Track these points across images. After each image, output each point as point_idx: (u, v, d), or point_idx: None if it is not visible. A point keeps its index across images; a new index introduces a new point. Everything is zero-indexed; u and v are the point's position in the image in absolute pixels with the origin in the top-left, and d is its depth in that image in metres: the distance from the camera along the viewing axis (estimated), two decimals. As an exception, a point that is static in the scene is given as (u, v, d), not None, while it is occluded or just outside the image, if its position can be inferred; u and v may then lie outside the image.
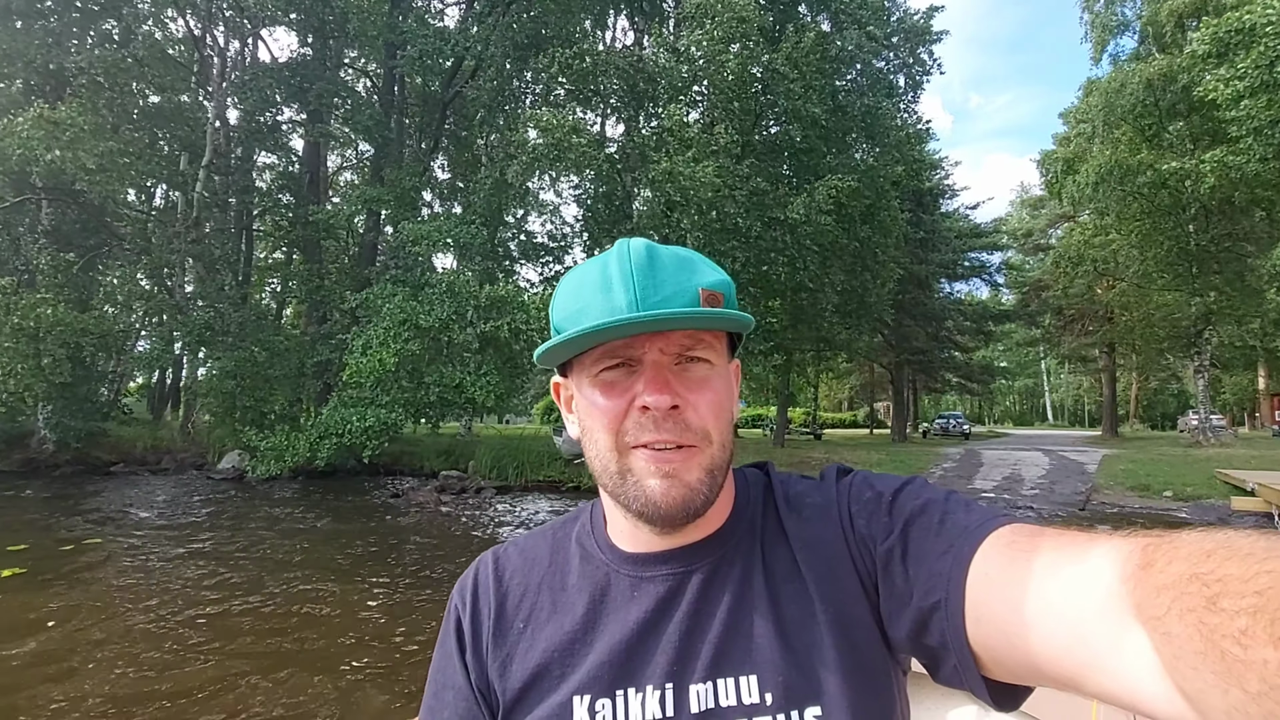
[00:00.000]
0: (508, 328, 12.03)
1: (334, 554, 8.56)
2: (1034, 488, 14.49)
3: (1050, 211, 40.70)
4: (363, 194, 14.92)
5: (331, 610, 6.15)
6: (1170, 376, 51.42)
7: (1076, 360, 43.91)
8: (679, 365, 0.60)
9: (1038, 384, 70.05)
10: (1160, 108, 21.42)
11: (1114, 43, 28.33)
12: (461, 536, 10.06)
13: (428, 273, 12.76)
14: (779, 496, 0.67)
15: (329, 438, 12.19)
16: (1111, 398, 37.59)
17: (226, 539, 9.27)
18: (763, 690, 0.56)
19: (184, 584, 6.95)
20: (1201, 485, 13.11)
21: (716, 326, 0.60)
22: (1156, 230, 22.71)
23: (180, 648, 5.07)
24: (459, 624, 0.67)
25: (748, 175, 12.54)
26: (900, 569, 0.56)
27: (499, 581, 0.68)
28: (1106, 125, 23.05)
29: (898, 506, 0.59)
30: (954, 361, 34.71)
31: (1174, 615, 0.34)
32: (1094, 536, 0.44)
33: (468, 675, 0.65)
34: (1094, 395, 59.15)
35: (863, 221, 15.14)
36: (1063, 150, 27.52)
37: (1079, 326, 35.07)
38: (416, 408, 13.13)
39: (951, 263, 29.61)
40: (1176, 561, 0.36)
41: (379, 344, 11.96)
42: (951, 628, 0.50)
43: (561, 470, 15.60)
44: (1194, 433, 24.69)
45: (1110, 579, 0.40)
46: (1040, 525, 0.50)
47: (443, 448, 17.97)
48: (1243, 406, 48.38)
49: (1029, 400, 74.66)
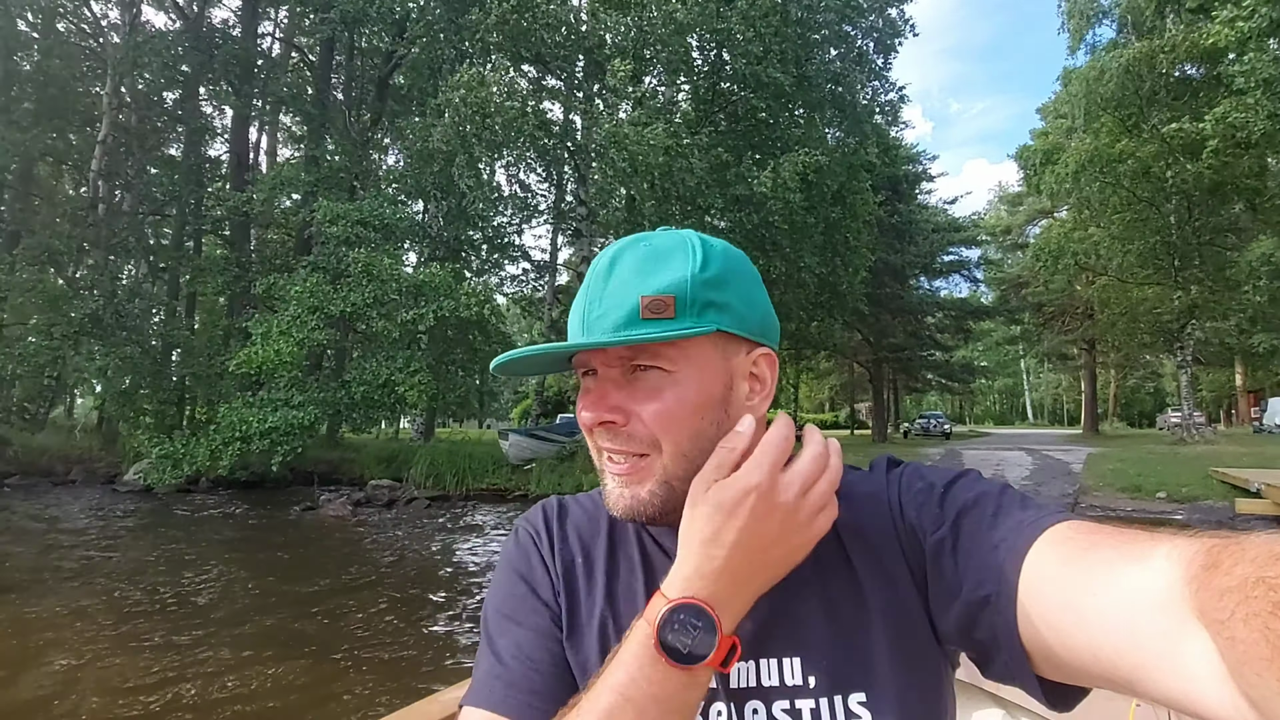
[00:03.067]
0: (433, 315, 10.68)
1: (185, 587, 7.20)
2: (1018, 489, 13.48)
3: (1029, 208, 40.30)
4: (279, 175, 13.50)
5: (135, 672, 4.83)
6: (1149, 374, 51.40)
7: (1056, 358, 43.55)
8: (633, 374, 0.58)
9: (1018, 383, 70.06)
10: (1141, 96, 20.75)
11: (1092, 32, 27.82)
12: (359, 560, 8.70)
13: (345, 254, 11.35)
14: None
15: (233, 443, 10.74)
16: (1092, 395, 37.16)
17: (52, 566, 7.86)
18: (806, 673, 0.56)
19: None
20: (1197, 485, 12.17)
21: (625, 344, 0.56)
22: (1138, 221, 22.08)
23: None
24: (535, 543, 0.66)
25: (708, 145, 11.36)
26: (950, 561, 0.54)
27: (562, 521, 0.69)
28: (1086, 115, 22.36)
29: (950, 498, 0.58)
30: (934, 360, 34.06)
31: (1239, 619, 0.33)
32: (1156, 535, 0.42)
33: (552, 587, 0.64)
34: (1073, 394, 59.16)
35: (833, 202, 14.03)
36: (1041, 143, 26.96)
37: (1059, 323, 34.62)
38: (335, 408, 11.68)
39: (929, 254, 28.77)
40: (1242, 564, 0.34)
41: (279, 333, 10.57)
42: (1003, 622, 0.49)
43: (508, 477, 14.26)
44: (1176, 430, 24.11)
45: (1173, 579, 0.38)
46: (1099, 524, 0.48)
47: (386, 454, 16.54)
48: (1219, 403, 48.32)
49: (1009, 400, 74.71)
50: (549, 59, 11.96)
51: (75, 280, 13.93)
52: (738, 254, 0.63)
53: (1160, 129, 19.86)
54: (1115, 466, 14.77)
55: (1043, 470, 15.70)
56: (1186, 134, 15.48)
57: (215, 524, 10.79)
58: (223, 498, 13.72)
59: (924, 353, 32.35)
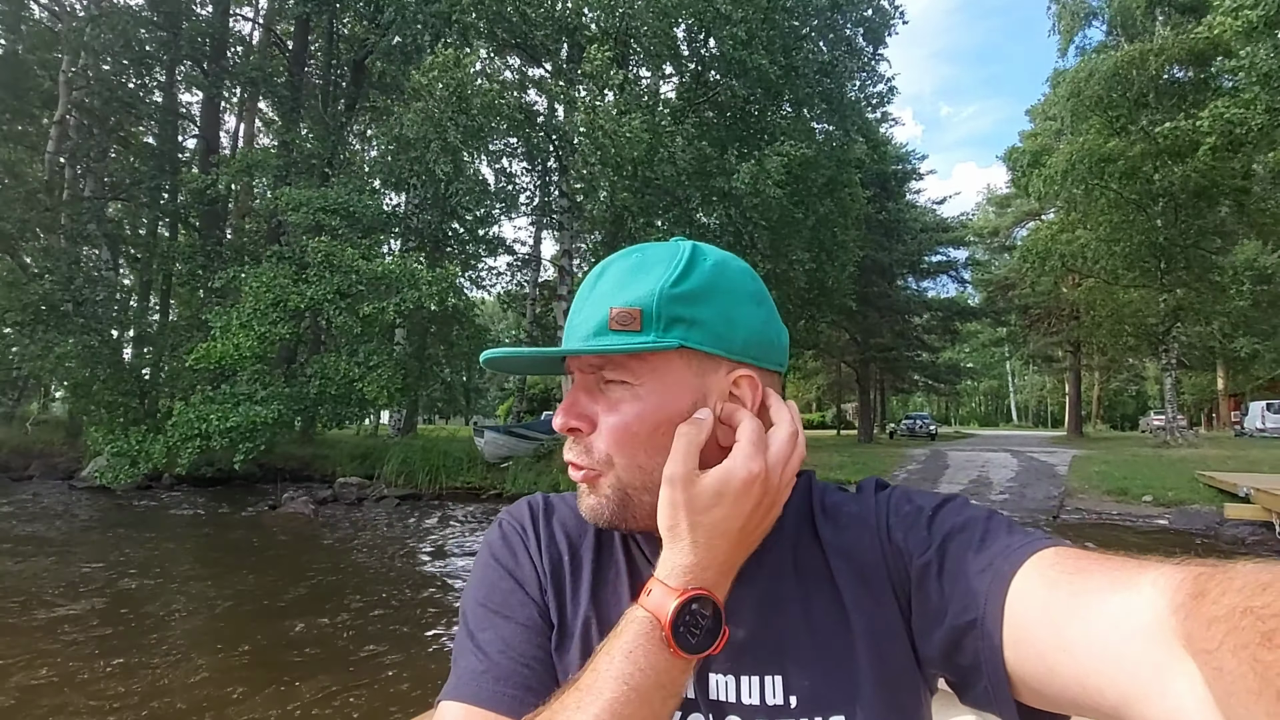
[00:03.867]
0: (394, 309, 10.20)
1: (124, 590, 6.76)
2: (1003, 492, 13.27)
3: (1016, 209, 40.33)
4: (245, 159, 12.94)
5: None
6: (1132, 378, 51.74)
7: (1042, 360, 43.67)
8: (604, 386, 0.58)
9: (1003, 385, 70.45)
10: (1130, 98, 20.66)
11: (1082, 34, 27.83)
12: (314, 563, 8.27)
13: (307, 244, 10.81)
14: (816, 504, 0.65)
15: (192, 440, 10.23)
16: (1076, 398, 37.25)
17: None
18: (788, 693, 0.55)
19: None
20: (1183, 489, 12.00)
21: (590, 353, 0.57)
22: (1125, 223, 22.04)
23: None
24: (522, 537, 0.64)
25: (692, 137, 10.95)
26: (936, 585, 0.54)
27: (548, 518, 0.67)
28: (1074, 116, 22.28)
29: (938, 522, 0.58)
30: (921, 361, 33.99)
31: (1227, 650, 0.32)
32: (1143, 563, 0.42)
33: (538, 581, 0.61)
34: (1057, 396, 59.51)
35: (822, 196, 13.67)
36: (1029, 144, 26.90)
37: (1045, 325, 34.66)
38: (302, 404, 11.18)
39: (916, 253, 28.57)
40: (1230, 593, 0.34)
41: (239, 326, 10.07)
42: (987, 648, 0.48)
43: (483, 475, 13.82)
44: (1159, 433, 24.12)
45: (1160, 608, 0.38)
46: (1086, 550, 0.48)
47: (360, 451, 16.06)
48: (1200, 407, 48.69)
49: (994, 401, 75.12)
50: (530, 44, 11.54)
51: (28, 266, 13.28)
52: (736, 269, 0.61)
53: (1149, 130, 19.79)
54: (1100, 469, 14.61)
55: (1028, 472, 15.50)
56: (1181, 132, 15.28)
57: (169, 523, 10.31)
58: (184, 495, 13.21)
59: (911, 353, 32.23)
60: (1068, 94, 22.07)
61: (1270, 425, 26.80)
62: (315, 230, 11.41)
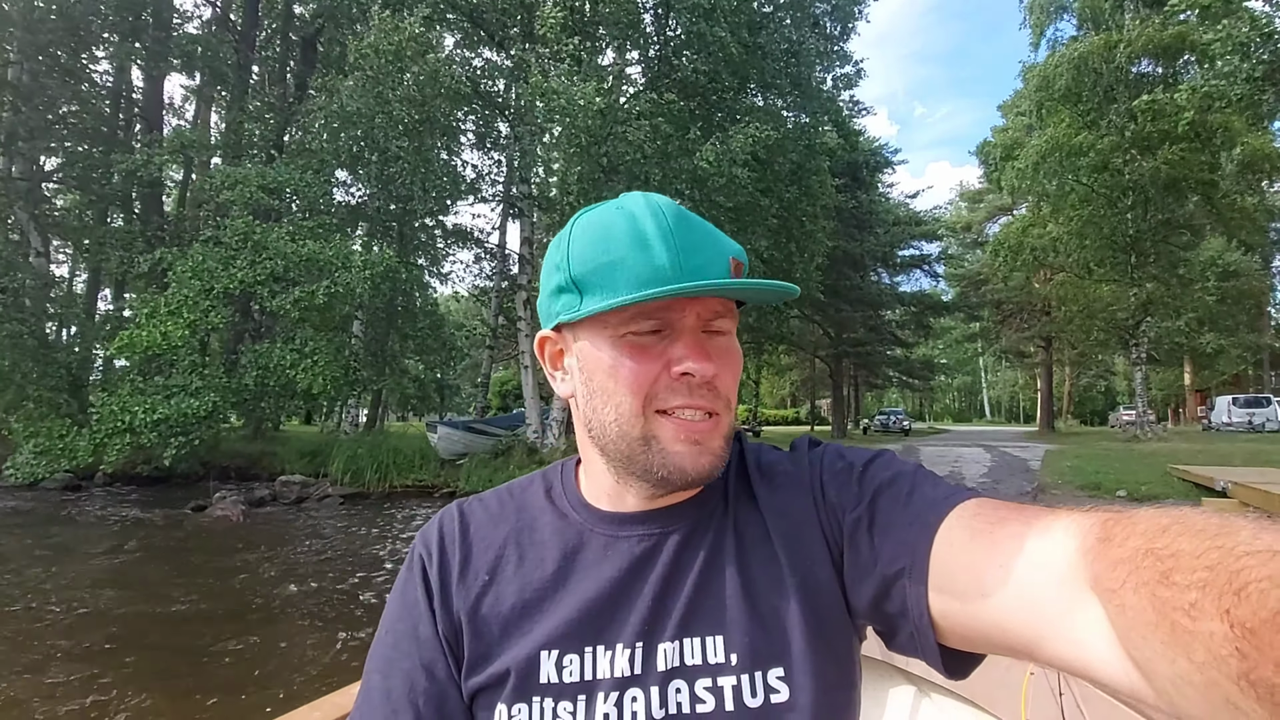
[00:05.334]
0: (324, 293, 9.47)
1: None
2: (976, 486, 12.94)
3: (989, 204, 40.49)
4: (179, 137, 12.06)
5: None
6: (1101, 373, 52.45)
7: (1014, 355, 43.97)
8: (706, 334, 0.59)
9: (976, 381, 71.17)
10: (1099, 90, 20.60)
11: (1053, 27, 27.83)
12: (233, 569, 7.54)
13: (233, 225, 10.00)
14: (751, 464, 0.66)
15: (119, 435, 9.40)
16: (1048, 393, 37.51)
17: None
18: (728, 650, 0.56)
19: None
20: (1156, 483, 11.77)
21: (762, 299, 0.60)
22: (1096, 217, 22.04)
23: None
24: (424, 571, 0.64)
25: (650, 113, 10.38)
26: (866, 538, 0.56)
27: (464, 532, 0.65)
28: (1043, 109, 22.22)
29: (868, 477, 0.60)
30: (895, 357, 33.92)
31: (1129, 588, 0.35)
32: (1057, 512, 0.45)
33: (435, 625, 0.61)
34: (1029, 392, 60.25)
35: (790, 182, 13.19)
36: (1000, 138, 26.86)
37: (1017, 321, 34.83)
38: (240, 396, 10.38)
39: (888, 244, 28.37)
40: (1134, 537, 0.37)
41: (168, 313, 9.28)
42: (913, 595, 0.51)
43: (436, 473, 13.10)
44: (1128, 427, 24.23)
45: (1070, 552, 0.41)
46: (1005, 502, 0.51)
47: (310, 448, 15.22)
48: (1167, 402, 49.46)
49: (967, 397, 75.92)
50: (479, 16, 10.84)
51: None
52: None
53: (1118, 122, 19.71)
54: (1073, 464, 14.43)
55: (1001, 467, 15.28)
56: (1159, 105, 15.14)
57: (80, 526, 9.45)
58: (115, 495, 12.31)
59: (884, 348, 32.13)
60: (1036, 87, 22.00)
61: (1236, 419, 27.08)
62: (264, 216, 10.62)
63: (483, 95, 10.97)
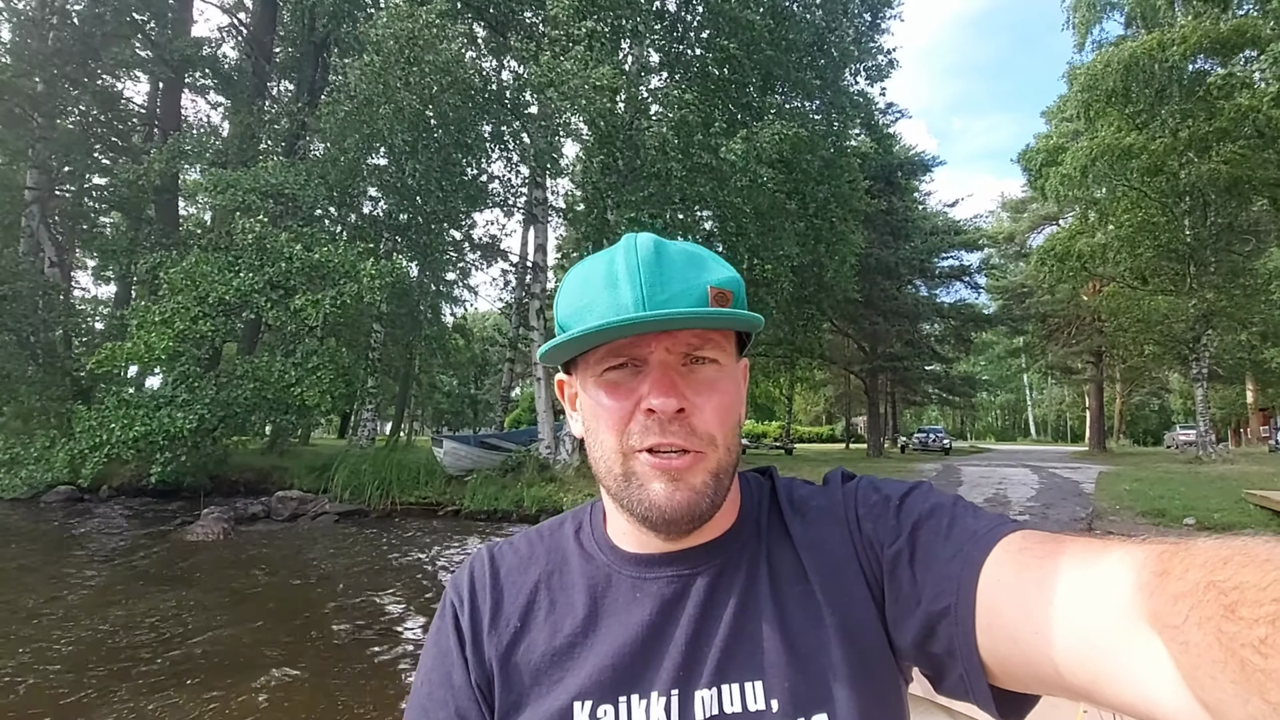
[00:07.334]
0: (330, 303, 9.03)
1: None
2: (1024, 512, 11.84)
3: (1032, 214, 38.82)
4: (178, 144, 11.89)
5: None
6: (1156, 390, 49.69)
7: (1061, 371, 41.88)
8: (686, 366, 0.57)
9: (1020, 398, 68.40)
10: (1150, 91, 19.31)
11: (1099, 27, 26.53)
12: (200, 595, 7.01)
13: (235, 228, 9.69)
14: (783, 500, 0.65)
15: (100, 449, 9.07)
16: (1099, 410, 35.46)
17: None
18: (769, 696, 0.54)
19: None
20: (1230, 511, 10.55)
21: (724, 326, 0.57)
22: (1149, 223, 20.61)
23: None
24: (457, 619, 0.63)
25: (670, 101, 9.73)
26: (908, 572, 0.54)
27: (495, 577, 0.64)
28: (1090, 111, 20.93)
29: (905, 510, 0.57)
30: (934, 373, 32.45)
31: (1192, 624, 0.33)
32: (1108, 543, 0.43)
33: (468, 672, 0.60)
34: (1076, 410, 57.52)
35: (819, 181, 12.40)
36: (1043, 144, 25.54)
37: (1064, 335, 33.12)
38: (229, 411, 9.98)
39: (925, 253, 27.06)
40: (1193, 569, 0.35)
41: (159, 321, 8.95)
42: (961, 634, 0.48)
43: (442, 490, 12.53)
44: (1187, 448, 22.52)
45: (1126, 587, 0.39)
46: (1051, 532, 0.49)
47: (319, 463, 14.86)
48: (1228, 421, 46.54)
49: (1011, 415, 73.02)
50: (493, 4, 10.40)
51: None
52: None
53: (1171, 123, 18.43)
54: (1131, 487, 13.18)
55: (1050, 490, 14.06)
56: (1234, 81, 13.90)
57: (59, 545, 9.07)
58: (114, 509, 12.05)
59: (922, 364, 30.73)
60: (1083, 87, 20.76)
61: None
62: (274, 220, 10.32)
63: (495, 94, 10.53)
